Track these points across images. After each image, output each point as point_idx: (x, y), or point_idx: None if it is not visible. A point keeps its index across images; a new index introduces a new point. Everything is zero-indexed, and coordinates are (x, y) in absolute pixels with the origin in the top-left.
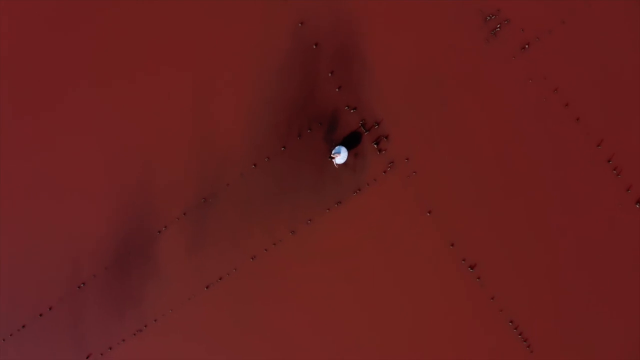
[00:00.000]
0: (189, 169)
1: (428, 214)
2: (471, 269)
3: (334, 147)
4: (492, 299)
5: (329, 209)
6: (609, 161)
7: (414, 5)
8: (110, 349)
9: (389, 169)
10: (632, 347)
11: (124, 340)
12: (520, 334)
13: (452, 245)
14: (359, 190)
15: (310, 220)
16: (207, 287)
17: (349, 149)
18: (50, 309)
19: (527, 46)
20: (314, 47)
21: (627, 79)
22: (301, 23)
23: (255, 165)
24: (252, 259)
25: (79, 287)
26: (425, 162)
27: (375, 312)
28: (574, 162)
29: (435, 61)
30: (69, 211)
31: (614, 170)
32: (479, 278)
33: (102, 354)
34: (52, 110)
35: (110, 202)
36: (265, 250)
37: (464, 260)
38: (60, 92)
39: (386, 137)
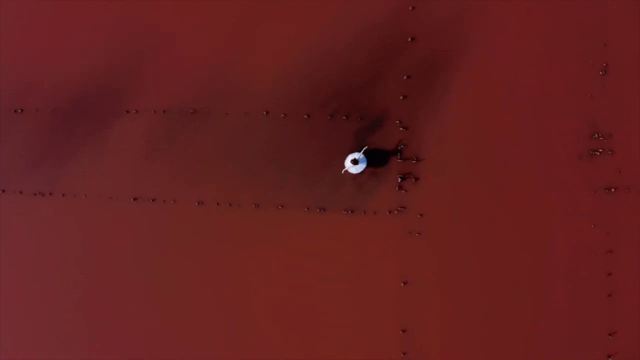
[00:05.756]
0: (200, 73)
1: (402, 285)
2: None
3: (357, 151)
4: None
5: (308, 209)
6: (608, 357)
7: (532, 72)
8: (4, 191)
9: (396, 212)
10: None
11: (21, 192)
12: None
13: (404, 331)
14: (352, 211)
15: (281, 206)
16: (134, 199)
17: (371, 164)
18: None
19: (613, 190)
20: (409, 40)
21: None
22: (412, 7)
23: (267, 113)
24: (198, 203)
25: (15, 111)
26: (437, 232)
27: (285, 328)
28: (577, 329)
29: (516, 142)
30: (57, 37)
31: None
32: None
33: None
34: None
35: (102, 53)
36: (217, 204)
37: (404, 353)
38: None
39: (416, 179)
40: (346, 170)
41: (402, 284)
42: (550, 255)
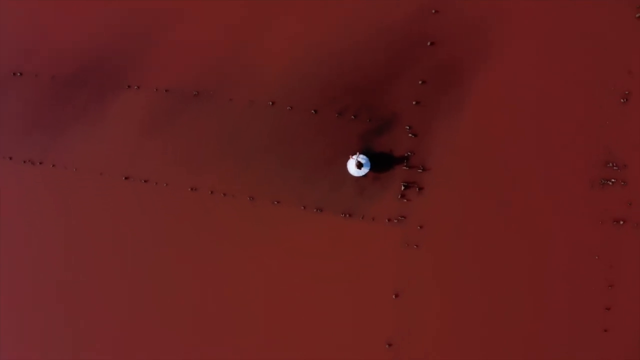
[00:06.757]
0: (207, 54)
1: (394, 297)
2: None
3: (362, 153)
4: None
5: (304, 207)
6: None
7: (552, 92)
8: None
9: (396, 221)
10: None
11: (11, 158)
12: None
13: (390, 345)
14: (350, 215)
15: (277, 202)
16: (126, 178)
17: (375, 169)
18: None
19: (621, 222)
20: (428, 44)
21: None
22: (435, 11)
23: (272, 103)
24: (192, 189)
25: (14, 74)
26: (436, 246)
27: (276, 327)
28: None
29: (528, 162)
30: (63, 3)
31: None
32: None
33: None
34: None
35: (108, 25)
36: (211, 192)
37: None
38: None
39: (420, 189)
40: (350, 171)
41: (393, 296)
42: (550, 283)
